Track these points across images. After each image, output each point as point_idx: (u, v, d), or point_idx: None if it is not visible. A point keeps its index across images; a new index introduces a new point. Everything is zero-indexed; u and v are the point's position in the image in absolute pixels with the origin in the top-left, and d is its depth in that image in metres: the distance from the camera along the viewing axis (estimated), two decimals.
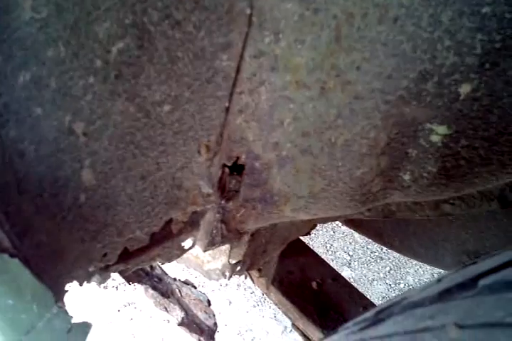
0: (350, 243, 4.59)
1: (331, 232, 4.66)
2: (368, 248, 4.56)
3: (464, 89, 0.86)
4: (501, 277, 0.62)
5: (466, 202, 1.39)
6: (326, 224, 4.67)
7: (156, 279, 2.13)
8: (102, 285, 3.67)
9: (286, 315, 2.32)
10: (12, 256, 0.67)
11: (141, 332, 3.42)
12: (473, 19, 0.79)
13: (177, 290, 2.13)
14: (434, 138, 0.93)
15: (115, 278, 3.65)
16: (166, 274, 2.22)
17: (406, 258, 4.41)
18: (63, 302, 0.82)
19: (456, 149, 0.94)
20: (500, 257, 0.69)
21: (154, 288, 2.09)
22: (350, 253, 4.49)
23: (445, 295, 0.68)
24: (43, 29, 0.56)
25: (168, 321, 3.28)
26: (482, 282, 0.63)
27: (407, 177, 1.01)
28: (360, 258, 4.46)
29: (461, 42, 0.81)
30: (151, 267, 2.18)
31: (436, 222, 1.98)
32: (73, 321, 0.80)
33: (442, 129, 0.91)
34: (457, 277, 0.71)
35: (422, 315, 0.67)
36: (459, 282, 0.68)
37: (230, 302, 3.81)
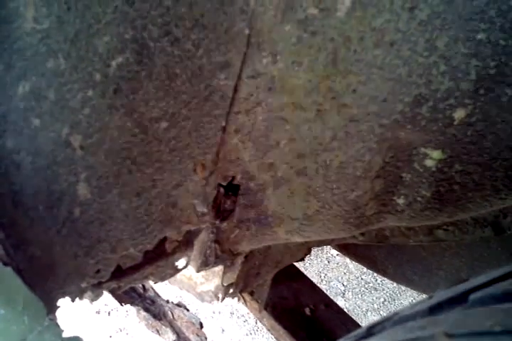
0: (344, 273, 4.57)
1: (326, 262, 4.64)
2: (362, 278, 4.53)
3: (459, 114, 0.86)
4: (492, 291, 0.62)
5: (459, 228, 1.39)
6: (320, 254, 4.65)
7: (148, 301, 2.12)
8: (95, 311, 3.65)
9: None
10: (5, 264, 0.67)
11: None
12: (468, 45, 0.80)
13: (169, 313, 2.11)
14: (429, 162, 0.94)
15: (107, 303, 3.63)
16: (159, 296, 2.20)
17: (400, 289, 4.38)
18: (55, 316, 0.82)
19: (450, 174, 0.94)
20: (490, 274, 0.70)
21: (147, 310, 2.07)
22: (345, 284, 4.46)
23: (436, 309, 0.69)
24: (44, 40, 0.57)
25: None
26: (473, 296, 0.64)
27: (401, 201, 1.01)
28: (354, 288, 4.43)
29: (456, 67, 0.82)
30: (144, 289, 2.17)
31: (430, 250, 1.98)
32: (64, 335, 0.79)
33: (437, 154, 0.92)
34: (448, 293, 0.71)
35: (412, 327, 0.67)
36: (450, 297, 0.69)
37: (223, 330, 3.77)
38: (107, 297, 1.47)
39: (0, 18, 0.54)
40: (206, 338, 2.11)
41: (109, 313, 3.70)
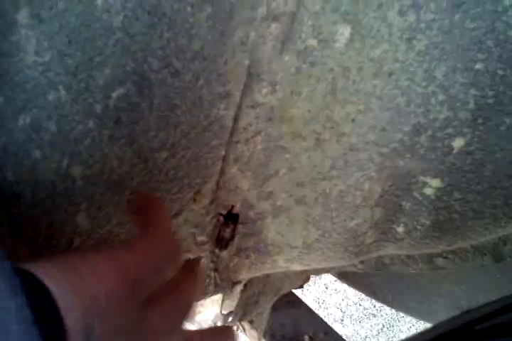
0: (342, 299, 4.53)
1: (324, 288, 4.61)
2: (360, 304, 4.50)
3: (457, 143, 0.87)
4: (497, 322, 0.62)
5: (459, 256, 1.39)
6: (318, 280, 4.62)
7: None
8: None
9: None
10: None
11: None
12: (466, 75, 0.81)
13: None
14: (428, 191, 0.94)
15: None
16: None
17: (399, 315, 4.35)
18: None
19: (449, 202, 0.95)
20: (493, 304, 0.69)
21: None
22: (343, 310, 4.43)
23: None
24: (45, 73, 0.57)
25: None
26: (478, 327, 0.63)
27: (400, 229, 1.01)
28: (352, 314, 4.40)
29: (455, 97, 0.83)
30: None
31: (430, 277, 1.97)
32: None
33: (436, 182, 0.92)
34: (452, 324, 0.70)
35: None
36: (454, 328, 0.68)
37: None
38: None
39: (1, 53, 0.54)
40: None
41: None
